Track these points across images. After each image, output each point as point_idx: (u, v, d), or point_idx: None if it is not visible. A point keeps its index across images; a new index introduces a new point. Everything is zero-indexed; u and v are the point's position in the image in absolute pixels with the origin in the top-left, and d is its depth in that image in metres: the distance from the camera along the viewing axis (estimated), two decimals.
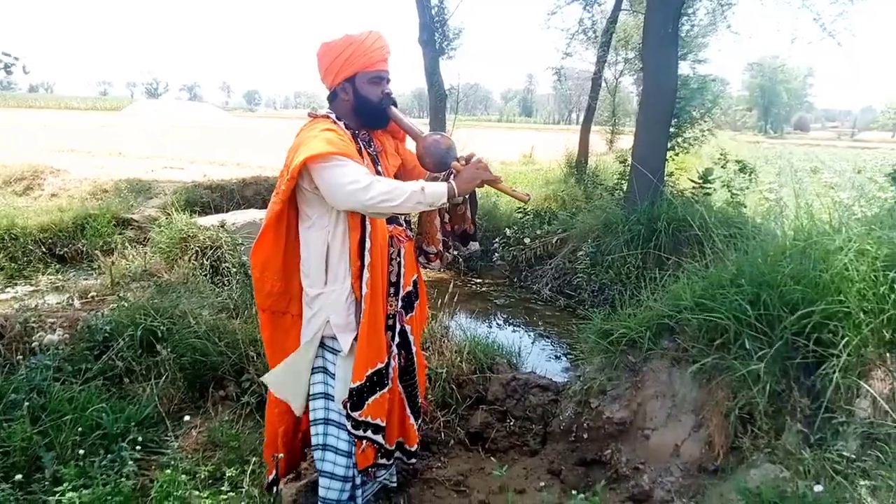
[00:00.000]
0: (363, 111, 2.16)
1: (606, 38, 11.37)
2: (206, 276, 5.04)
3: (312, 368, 2.21)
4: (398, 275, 2.28)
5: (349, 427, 2.18)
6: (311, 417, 2.25)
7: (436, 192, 2.00)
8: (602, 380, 2.96)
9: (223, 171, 11.38)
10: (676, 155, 8.83)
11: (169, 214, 6.19)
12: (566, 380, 3.53)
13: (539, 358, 4.48)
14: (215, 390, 3.32)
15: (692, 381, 2.66)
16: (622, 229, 5.66)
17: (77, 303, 4.44)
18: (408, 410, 2.47)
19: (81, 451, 2.49)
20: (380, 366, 2.17)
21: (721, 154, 7.92)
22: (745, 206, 6.13)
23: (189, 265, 5.18)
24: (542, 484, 2.85)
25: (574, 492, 2.50)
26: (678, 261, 3.70)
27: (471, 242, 2.47)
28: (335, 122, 2.14)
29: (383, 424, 2.23)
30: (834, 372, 2.24)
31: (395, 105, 2.22)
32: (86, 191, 8.91)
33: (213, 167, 12.43)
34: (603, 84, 13.07)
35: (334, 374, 2.19)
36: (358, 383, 2.12)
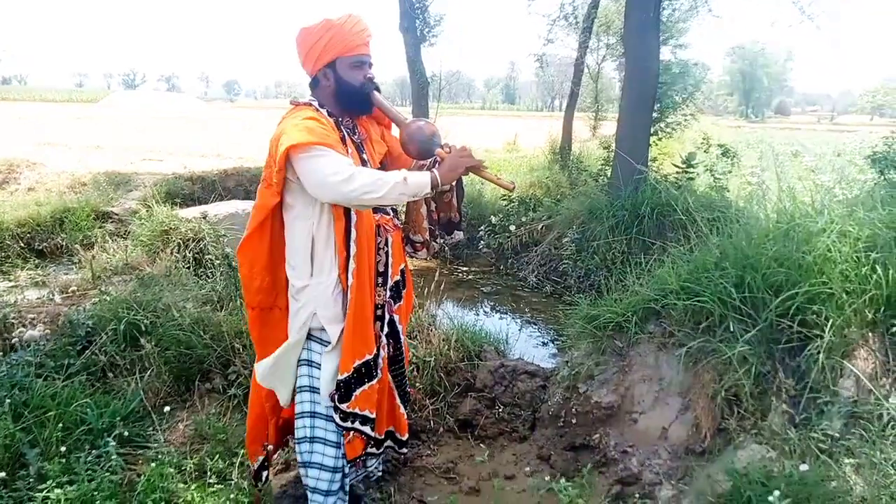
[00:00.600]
0: (346, 97, 2.11)
1: (588, 23, 11.35)
2: (188, 268, 4.98)
3: (298, 361, 2.18)
4: (386, 264, 2.25)
5: (337, 419, 2.15)
6: (296, 410, 2.22)
7: (419, 181, 1.97)
8: (589, 365, 2.98)
9: (204, 163, 11.23)
10: (659, 140, 8.88)
11: (149, 207, 6.10)
12: (554, 366, 3.55)
13: (526, 344, 4.49)
14: (201, 383, 3.29)
15: (679, 365, 2.69)
16: (607, 215, 5.68)
17: (58, 297, 4.38)
18: (397, 399, 2.46)
19: (66, 448, 2.46)
20: (367, 357, 2.14)
21: (703, 138, 7.96)
22: (728, 191, 6.17)
23: (171, 258, 5.11)
24: (532, 469, 2.87)
25: (563, 476, 2.52)
26: (663, 245, 3.72)
27: (455, 231, 2.45)
28: (318, 110, 2.09)
29: (372, 416, 2.20)
30: (818, 352, 2.28)
31: (379, 90, 2.17)
32: (64, 184, 8.75)
33: (194, 158, 12.26)
34: (585, 70, 13.06)
35: (319, 366, 2.16)
36: (345, 375, 2.09)
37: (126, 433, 2.68)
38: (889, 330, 2.36)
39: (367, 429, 2.20)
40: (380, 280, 2.23)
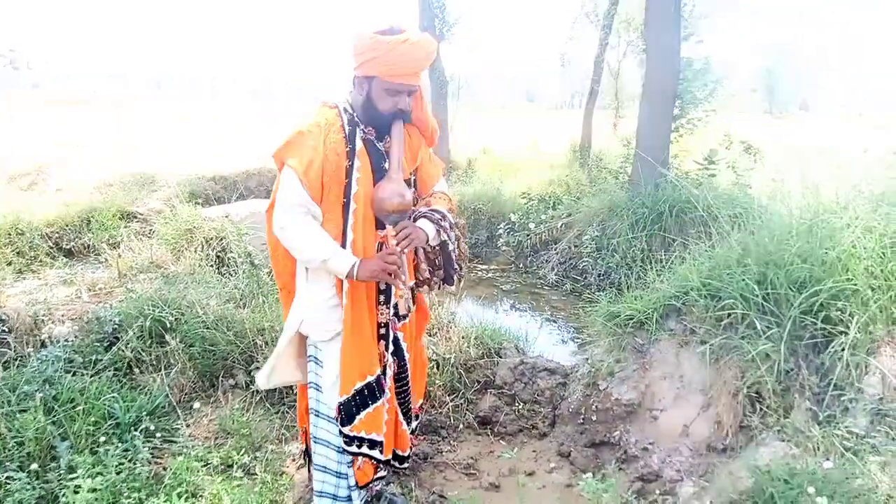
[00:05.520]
0: (369, 115, 2.01)
1: (609, 20, 11.28)
2: (212, 266, 5.05)
3: (308, 357, 2.17)
4: (388, 283, 2.08)
5: (342, 443, 2.09)
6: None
7: (336, 268, 1.93)
8: (610, 362, 2.97)
9: (226, 163, 11.37)
10: (680, 137, 8.77)
11: (173, 206, 6.20)
12: (574, 363, 3.54)
13: (546, 342, 4.48)
14: (225, 379, 3.34)
15: (700, 362, 2.67)
16: (627, 212, 5.65)
17: (85, 295, 4.47)
18: (401, 417, 2.32)
19: (94, 441, 2.52)
20: (369, 379, 2.05)
21: (725, 135, 7.86)
22: (751, 187, 6.09)
23: (195, 256, 5.19)
24: (552, 466, 2.87)
25: (584, 473, 2.52)
26: (684, 242, 3.69)
27: (445, 284, 2.25)
28: (340, 114, 2.01)
29: (380, 439, 2.11)
30: (843, 349, 2.25)
31: (407, 121, 2.09)
32: (90, 185, 8.92)
33: (217, 158, 12.42)
34: (606, 67, 12.97)
35: (323, 364, 2.12)
36: (345, 397, 2.02)
37: (152, 427, 2.73)
38: None
39: (375, 452, 2.11)
40: (382, 298, 2.10)
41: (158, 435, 2.79)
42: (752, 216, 3.22)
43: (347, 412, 2.04)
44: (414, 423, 2.43)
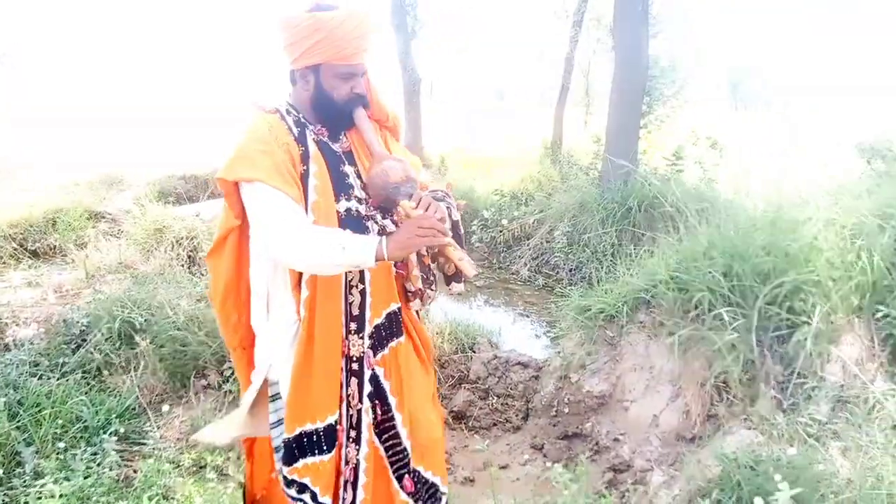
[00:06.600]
0: (323, 109, 1.75)
1: (579, 17, 11.37)
2: (182, 266, 4.99)
3: (270, 396, 1.86)
4: (361, 306, 1.78)
5: (281, 482, 1.82)
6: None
7: (359, 255, 1.54)
8: (581, 355, 3.01)
9: (195, 161, 11.19)
10: (649, 133, 8.90)
11: (143, 206, 6.10)
12: (546, 356, 3.58)
13: (519, 336, 4.51)
14: (197, 379, 3.30)
15: (669, 353, 2.72)
16: (597, 208, 5.72)
17: (52, 297, 4.38)
18: (394, 483, 1.85)
19: (62, 445, 2.47)
20: (320, 424, 1.75)
21: (692, 131, 8.00)
22: (717, 182, 6.21)
23: (165, 256, 5.12)
24: (526, 458, 2.90)
25: (556, 465, 2.55)
26: (653, 237, 3.75)
27: (454, 283, 1.97)
28: (283, 117, 1.75)
29: (324, 500, 1.77)
30: (806, 339, 2.32)
31: (367, 107, 1.79)
32: (56, 184, 8.71)
33: (186, 157, 12.22)
34: (576, 64, 13.07)
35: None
36: (288, 436, 1.75)
37: (122, 430, 2.69)
38: (874, 315, 2.41)
39: None
40: (354, 326, 1.77)
41: (129, 438, 2.76)
42: (718, 210, 3.28)
43: (288, 453, 1.76)
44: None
